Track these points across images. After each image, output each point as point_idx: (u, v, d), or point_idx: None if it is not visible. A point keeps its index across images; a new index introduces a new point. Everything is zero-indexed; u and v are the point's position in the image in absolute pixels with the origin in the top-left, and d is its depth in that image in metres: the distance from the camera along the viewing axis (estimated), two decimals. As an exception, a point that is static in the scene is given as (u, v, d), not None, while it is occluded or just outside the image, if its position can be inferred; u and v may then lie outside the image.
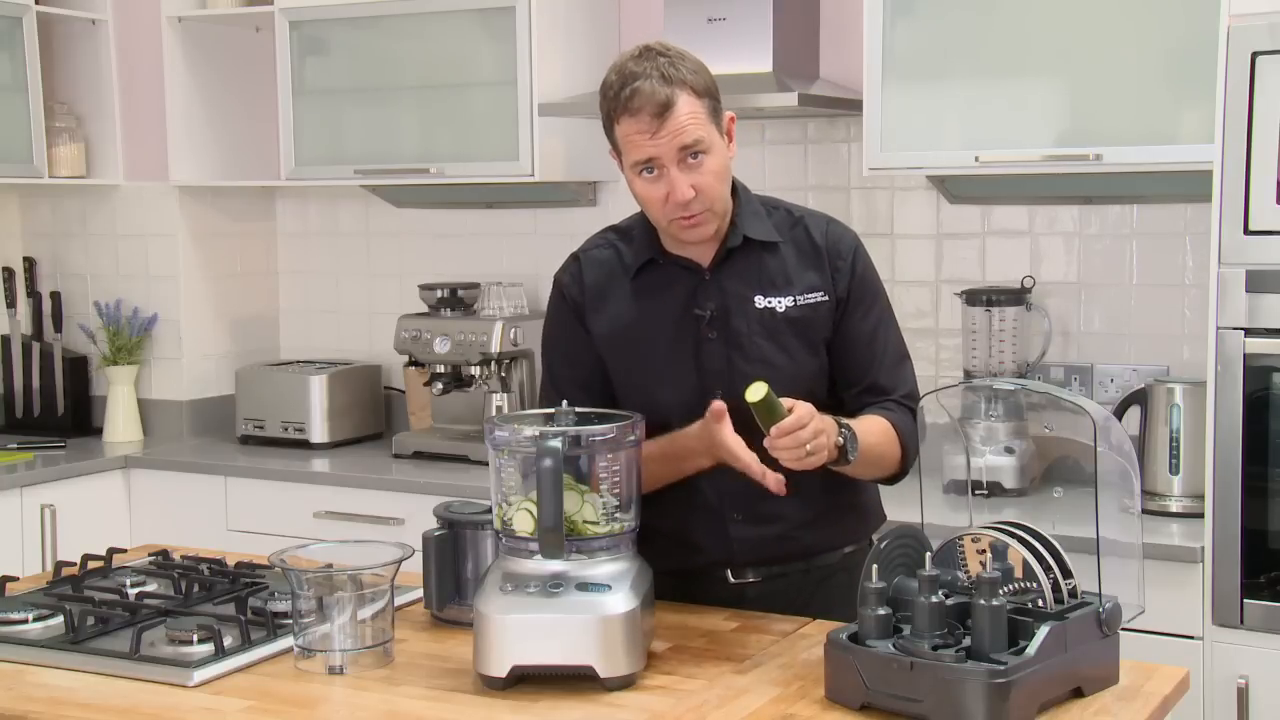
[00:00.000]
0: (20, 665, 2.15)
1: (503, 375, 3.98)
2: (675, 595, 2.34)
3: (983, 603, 1.85)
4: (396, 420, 4.39)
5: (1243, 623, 2.88)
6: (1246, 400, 2.87)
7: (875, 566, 1.95)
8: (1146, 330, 3.54)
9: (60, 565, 2.63)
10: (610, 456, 2.07)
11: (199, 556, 2.68)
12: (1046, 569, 1.97)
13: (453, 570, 2.32)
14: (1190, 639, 2.93)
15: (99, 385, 4.50)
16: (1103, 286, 3.58)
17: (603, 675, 1.98)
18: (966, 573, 2.03)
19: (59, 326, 4.49)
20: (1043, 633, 1.86)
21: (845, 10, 3.72)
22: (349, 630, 2.10)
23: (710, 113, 2.22)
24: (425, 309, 4.13)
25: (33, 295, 4.52)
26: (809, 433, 2.08)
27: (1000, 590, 1.87)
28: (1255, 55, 2.80)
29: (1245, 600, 2.87)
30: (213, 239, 4.47)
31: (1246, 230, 2.84)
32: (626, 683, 2.00)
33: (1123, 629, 1.99)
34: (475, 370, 3.97)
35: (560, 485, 1.97)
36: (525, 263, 4.23)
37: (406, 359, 4.08)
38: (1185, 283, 3.49)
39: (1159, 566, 2.84)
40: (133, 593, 2.44)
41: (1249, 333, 2.86)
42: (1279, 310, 2.84)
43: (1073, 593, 1.97)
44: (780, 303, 2.32)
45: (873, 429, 2.28)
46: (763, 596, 2.37)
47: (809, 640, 2.19)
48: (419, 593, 2.38)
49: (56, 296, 4.51)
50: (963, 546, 2.04)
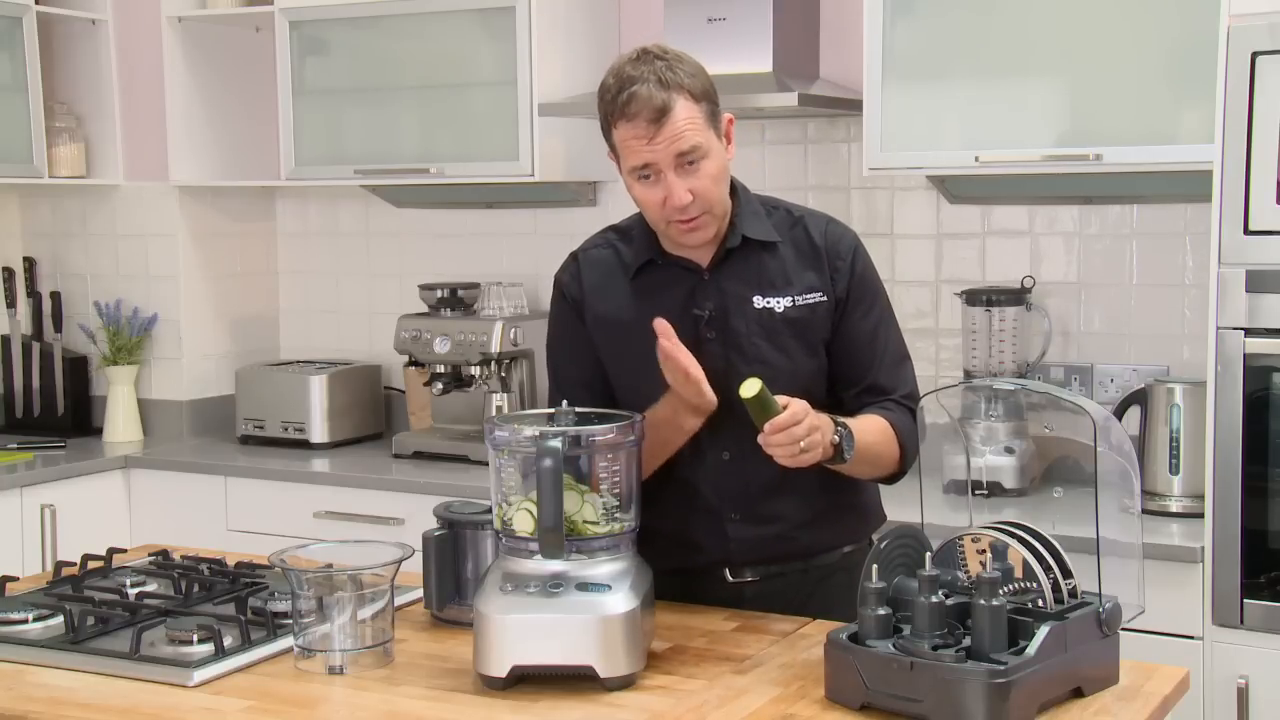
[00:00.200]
0: (20, 665, 2.15)
1: (503, 375, 3.98)
2: (674, 594, 2.34)
3: (983, 603, 1.85)
4: (396, 420, 4.39)
5: (1243, 623, 2.88)
6: (1246, 400, 2.87)
7: (875, 566, 1.95)
8: (1146, 330, 3.54)
9: (60, 565, 2.63)
10: (610, 456, 2.07)
11: (199, 556, 2.68)
12: (1046, 569, 1.97)
13: (453, 570, 2.32)
14: (1190, 639, 2.93)
15: (99, 385, 4.50)
16: (1103, 286, 3.58)
17: (603, 675, 1.98)
18: (966, 573, 2.03)
19: (59, 326, 4.49)
20: (1043, 633, 1.86)
21: (845, 10, 3.72)
22: (349, 630, 2.10)
23: (708, 117, 2.21)
24: (425, 309, 4.13)
25: (33, 295, 4.52)
26: (803, 429, 2.08)
27: (1000, 590, 1.87)
28: (1255, 55, 2.80)
29: (1245, 600, 2.87)
30: (213, 239, 4.47)
31: (1246, 230, 2.84)
32: (626, 683, 2.00)
33: (1123, 629, 1.99)
34: (475, 370, 3.97)
35: (560, 485, 1.97)
36: (525, 263, 4.23)
37: (406, 359, 4.08)
38: (1185, 283, 3.49)
39: (1159, 566, 2.84)
40: (133, 593, 2.44)
41: (1249, 333, 2.86)
42: (1279, 310, 2.84)
43: (1073, 593, 1.97)
44: (779, 303, 2.32)
45: (870, 428, 2.28)
46: (761, 596, 2.38)
47: (809, 640, 2.19)
48: (419, 593, 2.38)
49: (56, 296, 4.51)
50: (963, 546, 2.04)
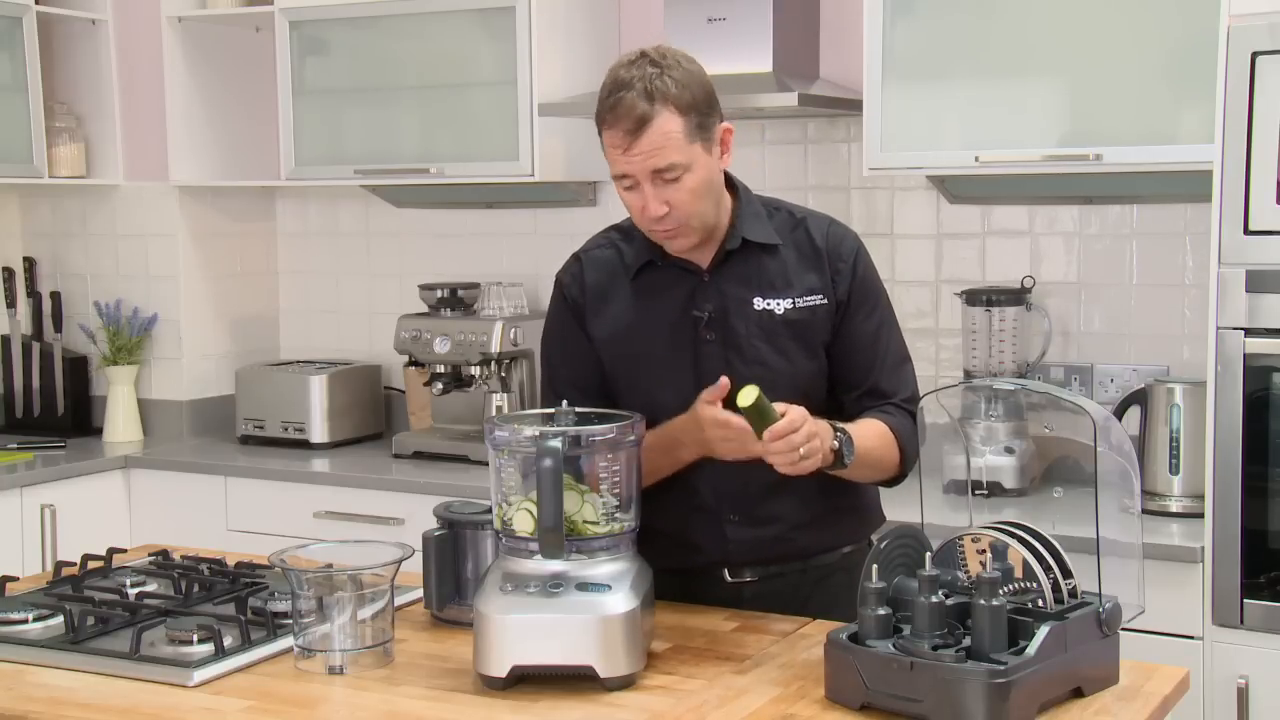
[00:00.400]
0: (20, 665, 2.15)
1: (503, 375, 3.98)
2: (673, 594, 2.34)
3: (983, 603, 1.85)
4: (396, 420, 4.39)
5: (1243, 623, 2.88)
6: (1246, 400, 2.87)
7: (875, 566, 1.95)
8: (1146, 330, 3.54)
9: (60, 565, 2.63)
10: (610, 456, 2.07)
11: (199, 556, 2.68)
12: (1046, 569, 1.97)
13: (453, 570, 2.32)
14: (1190, 639, 2.92)
15: (99, 385, 4.50)
16: (1103, 286, 3.58)
17: (603, 675, 1.98)
18: (966, 573, 2.03)
19: (59, 326, 4.49)
20: (1043, 633, 1.86)
21: (845, 10, 3.72)
22: (349, 630, 2.10)
23: (692, 130, 2.18)
24: (425, 309, 4.13)
25: (33, 295, 4.52)
26: (801, 436, 2.07)
27: (1000, 590, 1.87)
28: (1255, 55, 2.80)
29: (1245, 600, 2.87)
30: (213, 239, 4.47)
31: (1246, 230, 2.84)
32: (626, 683, 2.00)
33: (1123, 629, 1.99)
34: (475, 370, 3.97)
35: (560, 485, 1.97)
36: (525, 263, 4.23)
37: (406, 359, 4.08)
38: (1185, 283, 3.49)
39: (1159, 566, 2.84)
40: (133, 593, 2.44)
41: (1249, 333, 2.86)
42: (1279, 310, 2.84)
43: (1073, 593, 1.97)
44: (779, 305, 2.31)
45: (870, 433, 2.27)
46: (760, 596, 2.37)
47: (809, 640, 2.19)
48: (419, 593, 2.38)
49: (56, 296, 4.51)
50: (963, 546, 2.04)
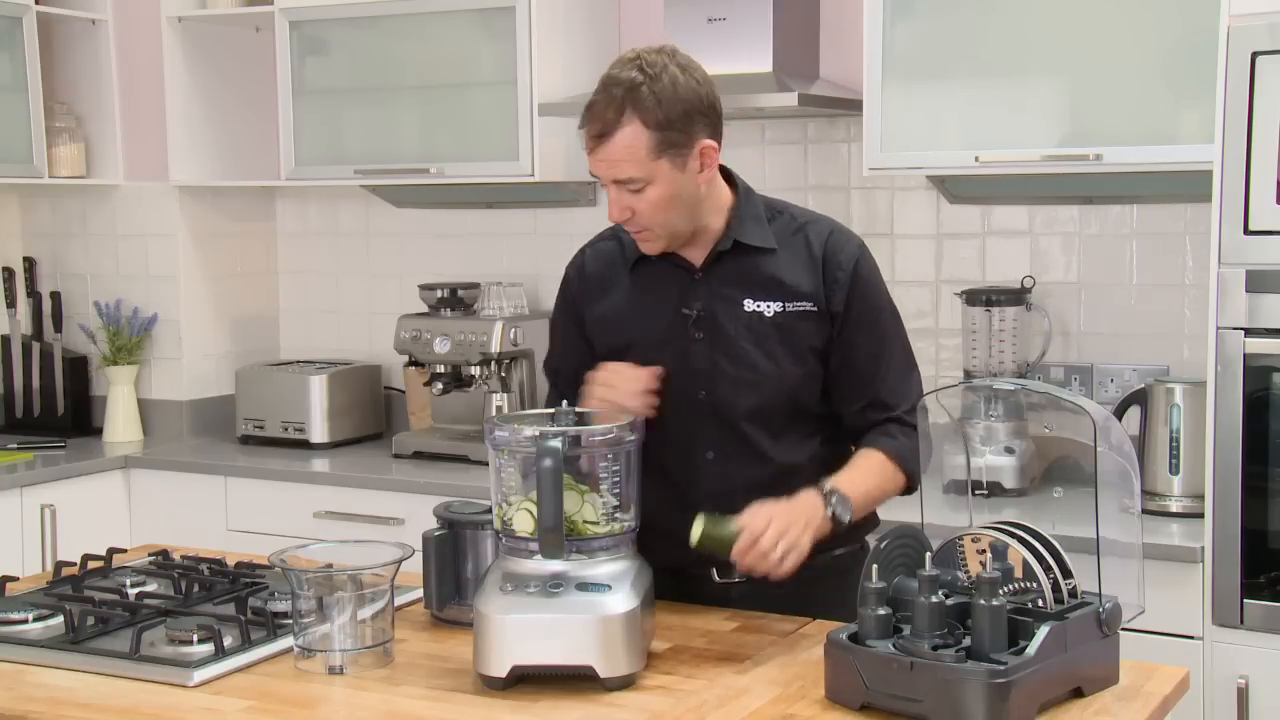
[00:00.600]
0: (20, 665, 2.15)
1: (503, 375, 3.98)
2: (668, 592, 2.31)
3: (983, 603, 1.85)
4: (396, 420, 4.39)
5: (1243, 623, 2.88)
6: (1246, 400, 2.87)
7: (875, 566, 1.95)
8: (1146, 330, 3.54)
9: (60, 565, 2.63)
10: (610, 456, 2.07)
11: (199, 556, 2.68)
12: (1046, 569, 1.97)
13: (453, 570, 2.32)
14: (1190, 639, 2.92)
15: (99, 385, 4.50)
16: (1103, 286, 3.58)
17: (603, 675, 1.98)
18: (966, 573, 2.02)
19: (59, 326, 4.49)
20: (1043, 633, 1.86)
21: (845, 10, 3.72)
22: (349, 630, 2.10)
23: (658, 147, 2.16)
24: (425, 309, 4.12)
25: (33, 295, 4.52)
26: (769, 540, 2.08)
27: (1000, 590, 1.87)
28: (1255, 55, 2.80)
29: (1245, 600, 2.87)
30: (213, 239, 4.47)
31: (1246, 230, 2.84)
32: (626, 683, 2.00)
33: (1123, 629, 1.99)
34: (475, 370, 3.97)
35: (560, 485, 1.97)
36: (525, 263, 4.23)
37: (406, 359, 4.08)
38: (1185, 283, 3.49)
39: (1159, 566, 2.84)
40: (133, 593, 2.44)
41: (1249, 333, 2.86)
42: (1279, 310, 2.84)
43: (1073, 593, 1.97)
44: (769, 307, 2.30)
45: (867, 473, 2.26)
46: (747, 597, 2.35)
47: (809, 640, 2.19)
48: (419, 593, 2.38)
49: (56, 296, 4.51)
50: (963, 546, 2.04)
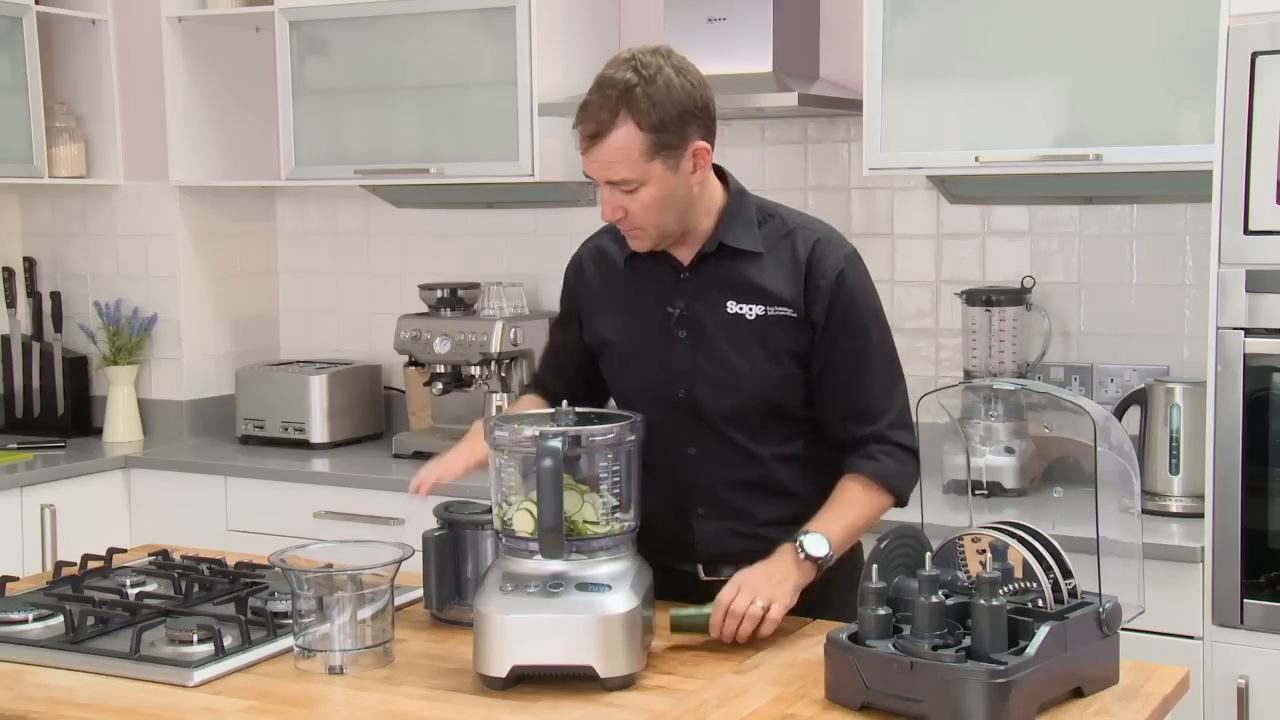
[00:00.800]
0: (20, 665, 2.15)
1: (503, 375, 3.98)
2: (660, 589, 2.28)
3: (983, 603, 1.85)
4: (396, 420, 4.38)
5: (1243, 623, 2.88)
6: (1246, 400, 2.87)
7: (875, 566, 1.95)
8: (1146, 330, 3.54)
9: (60, 565, 2.63)
10: (610, 456, 2.07)
11: (199, 556, 2.68)
12: (1046, 569, 1.97)
13: (453, 570, 2.32)
14: (1190, 639, 2.92)
15: (99, 385, 4.50)
16: (1103, 286, 3.58)
17: (603, 675, 1.98)
18: (966, 573, 2.03)
19: (59, 326, 4.49)
20: (1043, 633, 1.86)
21: (845, 10, 3.72)
22: (349, 630, 2.10)
23: (652, 148, 2.16)
24: (425, 309, 4.12)
25: (33, 295, 4.52)
26: (743, 602, 2.12)
27: (1000, 590, 1.87)
28: (1255, 55, 2.80)
29: (1245, 600, 2.87)
30: (213, 239, 4.47)
31: (1246, 230, 2.84)
32: (626, 683, 2.00)
33: (1123, 629, 1.99)
34: (475, 370, 3.97)
35: (560, 485, 1.97)
36: (525, 263, 4.23)
37: (406, 359, 4.08)
38: (1185, 283, 3.48)
39: (1159, 566, 2.84)
40: (133, 593, 2.44)
41: (1249, 333, 2.86)
42: (1279, 310, 2.84)
43: (1073, 593, 1.97)
44: (750, 311, 2.30)
45: (848, 509, 2.26)
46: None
47: (809, 640, 2.19)
48: (419, 593, 2.38)
49: (56, 296, 4.50)
50: (963, 546, 2.04)
